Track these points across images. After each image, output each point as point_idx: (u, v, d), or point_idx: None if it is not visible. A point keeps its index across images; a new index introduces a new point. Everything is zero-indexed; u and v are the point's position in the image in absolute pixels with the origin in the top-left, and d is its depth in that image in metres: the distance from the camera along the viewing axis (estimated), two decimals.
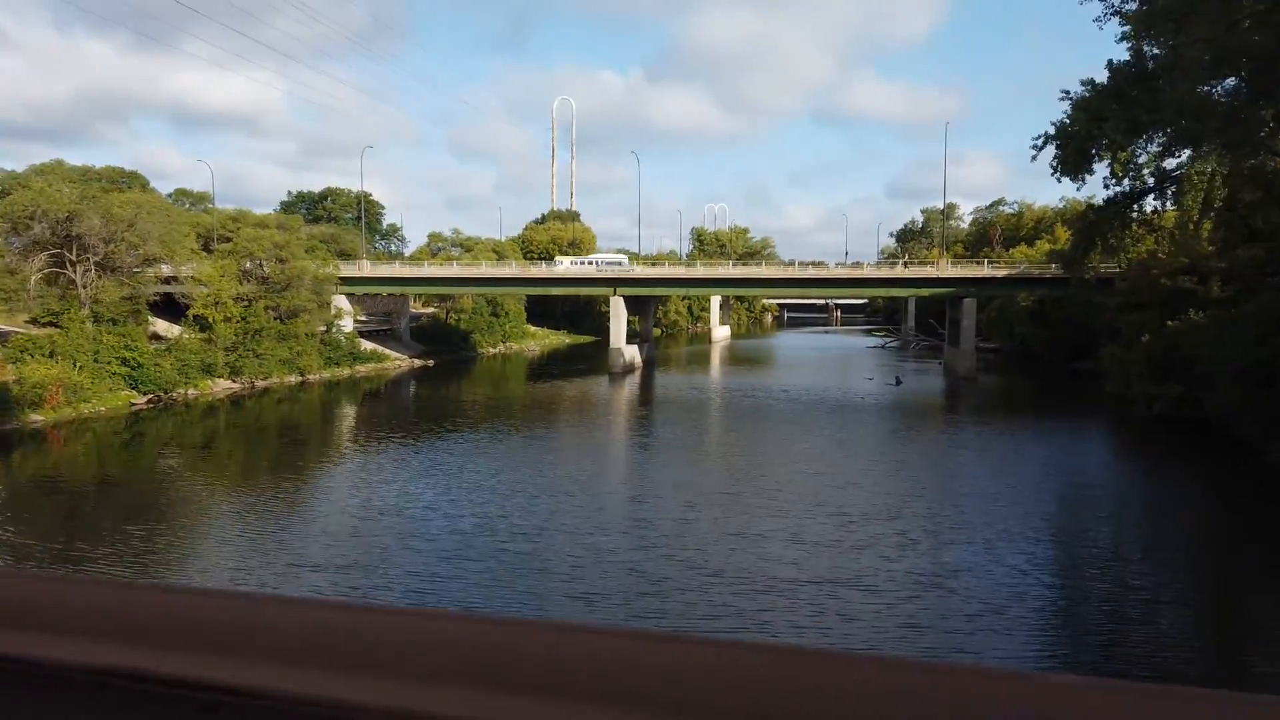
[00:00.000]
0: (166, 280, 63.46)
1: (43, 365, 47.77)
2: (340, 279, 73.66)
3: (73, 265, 54.52)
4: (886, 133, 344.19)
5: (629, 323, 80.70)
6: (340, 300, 75.35)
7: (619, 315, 77.93)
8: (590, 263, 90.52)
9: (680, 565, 22.26)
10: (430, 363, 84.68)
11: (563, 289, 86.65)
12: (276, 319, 65.04)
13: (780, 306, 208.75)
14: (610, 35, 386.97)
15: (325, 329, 71.88)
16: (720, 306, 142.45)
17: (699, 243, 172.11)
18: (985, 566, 22.16)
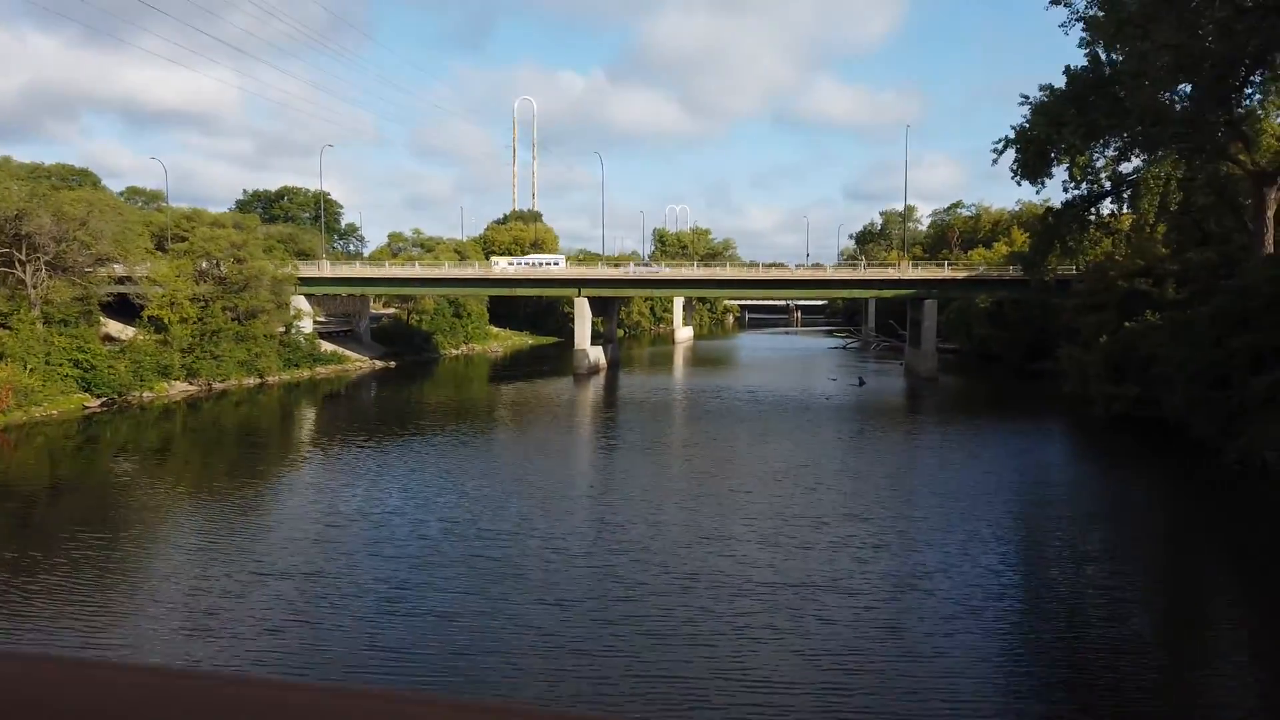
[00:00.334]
0: (120, 280, 61.86)
1: None
2: (300, 279, 72.40)
3: (22, 265, 52.90)
4: (845, 136, 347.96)
5: (593, 324, 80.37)
6: (299, 301, 74.11)
7: (584, 316, 77.58)
8: (526, 263, 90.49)
9: (655, 569, 22.06)
10: (392, 364, 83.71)
11: (527, 290, 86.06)
12: (234, 320, 63.75)
13: (741, 307, 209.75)
14: (571, 36, 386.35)
15: (284, 330, 70.64)
16: (683, 307, 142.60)
17: (661, 244, 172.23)
18: (959, 567, 22.27)
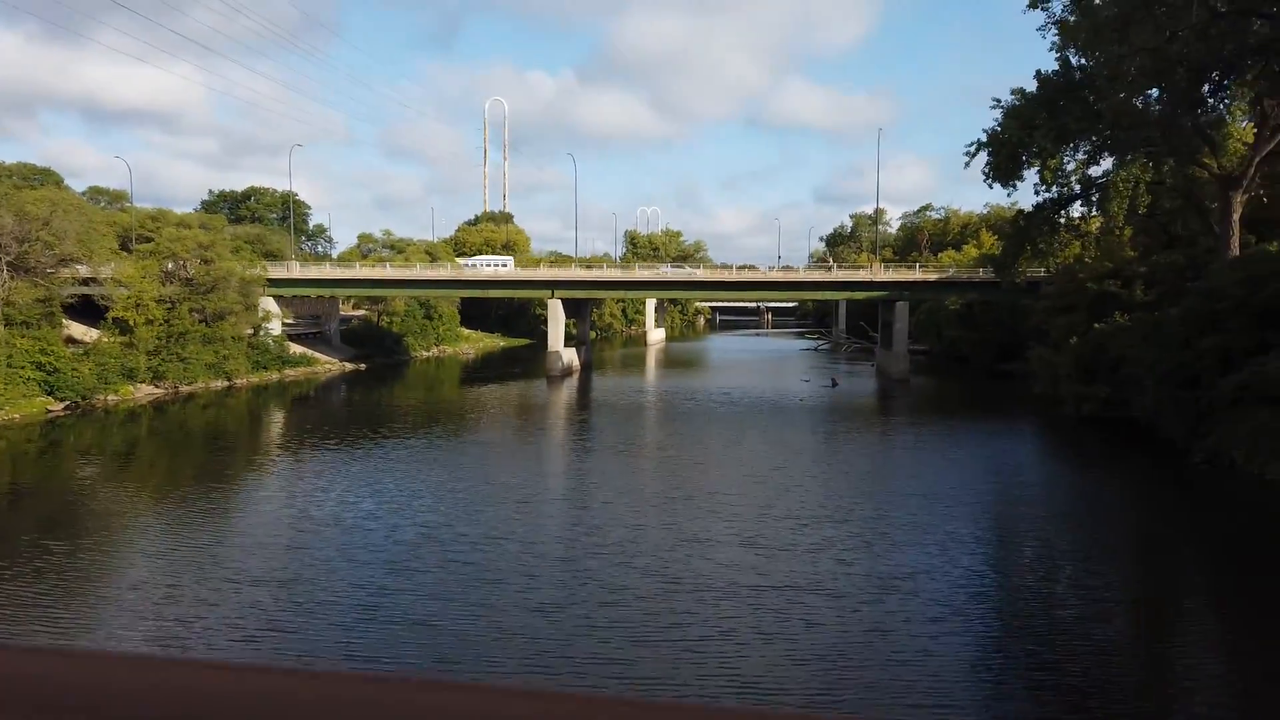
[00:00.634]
0: (84, 282, 60.61)
1: None
2: (269, 281, 71.39)
3: None
4: (815, 138, 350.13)
5: (565, 326, 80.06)
6: (268, 303, 73.07)
7: (557, 318, 77.22)
8: (471, 265, 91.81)
9: (638, 573, 21.86)
10: (362, 366, 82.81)
11: (500, 291, 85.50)
12: (201, 322, 62.66)
13: (713, 309, 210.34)
14: (541, 36, 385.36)
15: (253, 332, 69.59)
16: (656, 309, 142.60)
17: (633, 245, 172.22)
18: (941, 568, 22.29)
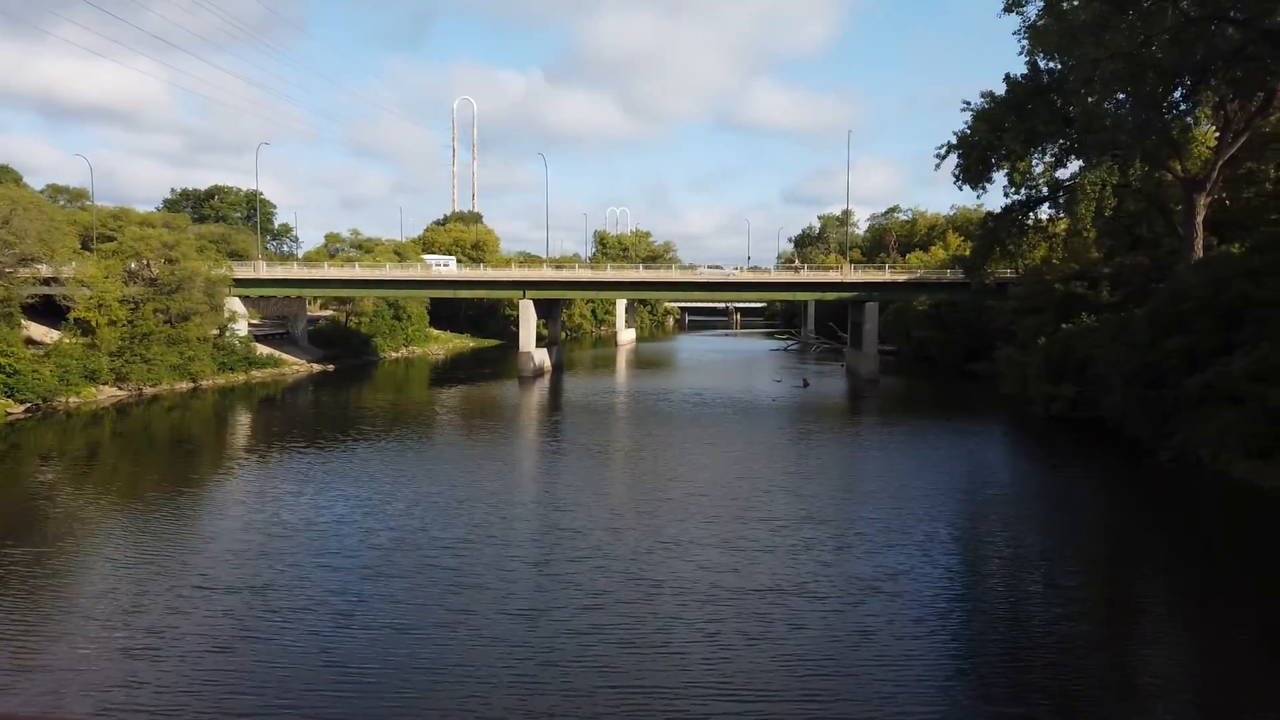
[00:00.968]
0: (45, 281, 59.22)
1: None
2: (235, 281, 70.33)
3: None
4: (783, 139, 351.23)
5: (536, 326, 79.65)
6: (234, 303, 71.99)
7: (528, 318, 76.84)
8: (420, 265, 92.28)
9: (619, 576, 21.68)
10: (330, 367, 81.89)
11: (470, 291, 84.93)
12: (166, 322, 61.49)
13: (682, 309, 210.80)
14: (510, 35, 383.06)
15: (218, 333, 68.45)
16: (626, 310, 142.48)
17: (602, 246, 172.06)
18: (921, 569, 22.34)
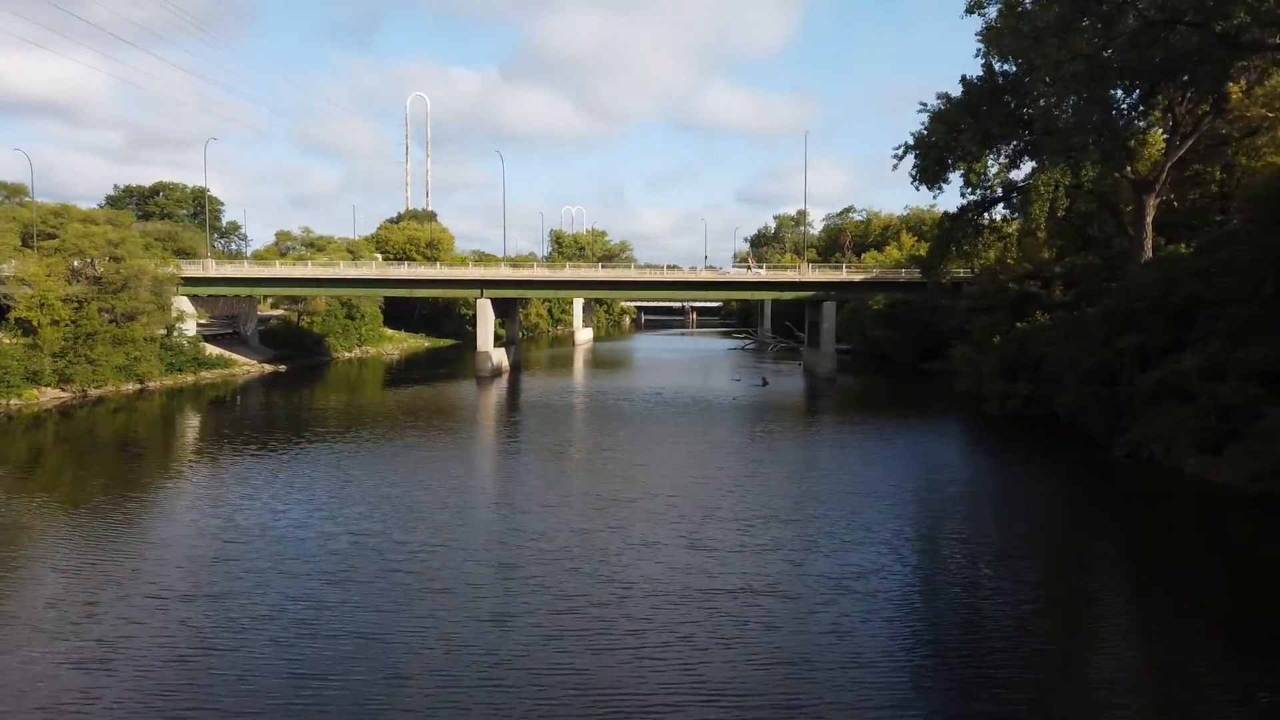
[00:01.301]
0: None
1: None
2: (184, 279, 68.57)
3: None
4: (738, 139, 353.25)
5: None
6: (182, 302, 70.14)
7: (486, 318, 76.02)
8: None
9: (589, 579, 21.37)
10: (282, 367, 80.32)
11: (427, 290, 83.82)
12: (111, 322, 59.64)
13: (638, 309, 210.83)
14: (463, 32, 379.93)
15: (166, 333, 66.62)
16: (583, 309, 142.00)
17: (558, 245, 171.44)
18: (891, 568, 22.38)
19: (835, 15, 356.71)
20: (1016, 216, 57.42)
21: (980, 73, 52.14)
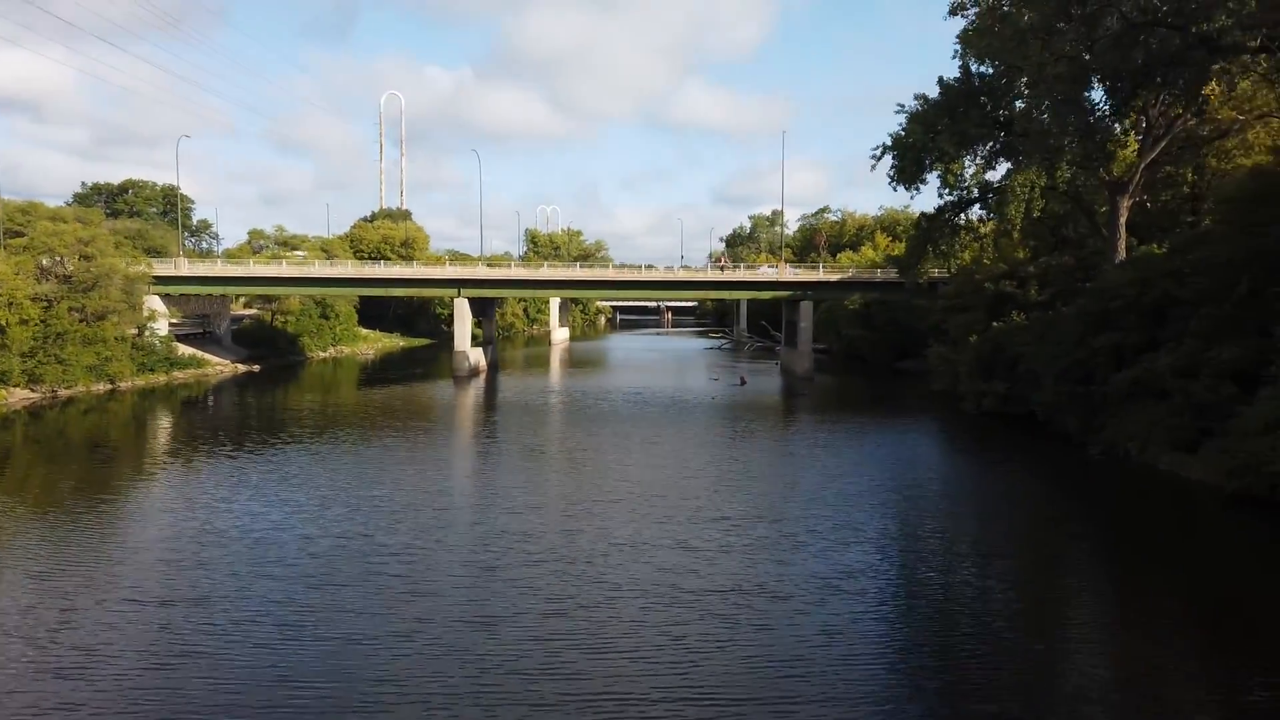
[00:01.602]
0: None
1: None
2: (156, 278, 67.56)
3: None
4: (713, 139, 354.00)
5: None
6: (154, 301, 69.14)
7: (464, 317, 75.57)
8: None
9: (577, 580, 21.22)
10: (256, 367, 79.41)
11: (404, 290, 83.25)
12: (82, 321, 58.66)
13: (614, 309, 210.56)
14: (437, 30, 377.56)
15: (138, 332, 65.60)
16: (559, 309, 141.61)
17: (534, 244, 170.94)
18: (880, 567, 22.43)
19: (810, 16, 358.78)
20: (993, 217, 57.95)
21: (957, 74, 52.68)
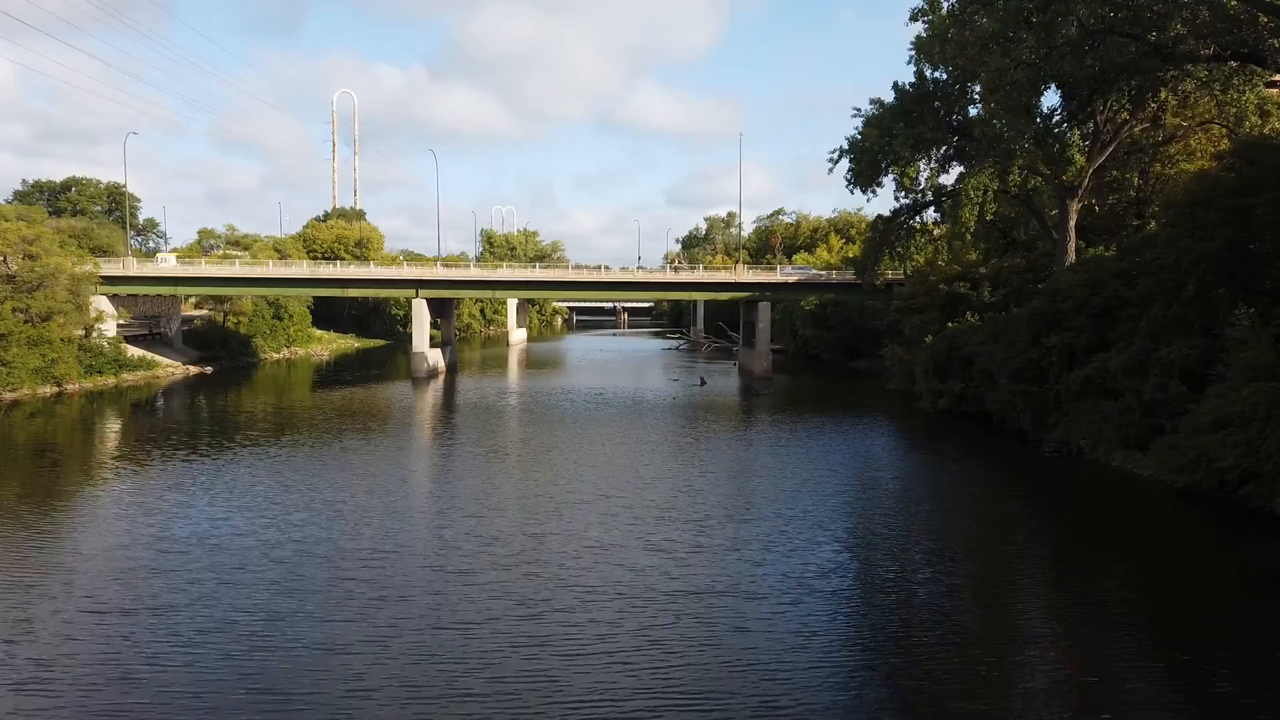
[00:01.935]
0: None
1: None
2: (103, 278, 65.81)
3: None
4: (666, 141, 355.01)
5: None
6: (101, 302, 67.39)
7: (421, 318, 74.82)
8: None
9: (549, 583, 21.14)
10: (208, 369, 77.89)
11: (361, 290, 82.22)
12: (26, 322, 56.97)
13: (570, 309, 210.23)
14: (389, 27, 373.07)
15: (84, 333, 63.89)
16: (517, 309, 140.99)
17: (489, 245, 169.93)
18: (851, 566, 22.69)
19: (760, 19, 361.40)
20: (947, 220, 58.97)
21: (912, 79, 53.56)
